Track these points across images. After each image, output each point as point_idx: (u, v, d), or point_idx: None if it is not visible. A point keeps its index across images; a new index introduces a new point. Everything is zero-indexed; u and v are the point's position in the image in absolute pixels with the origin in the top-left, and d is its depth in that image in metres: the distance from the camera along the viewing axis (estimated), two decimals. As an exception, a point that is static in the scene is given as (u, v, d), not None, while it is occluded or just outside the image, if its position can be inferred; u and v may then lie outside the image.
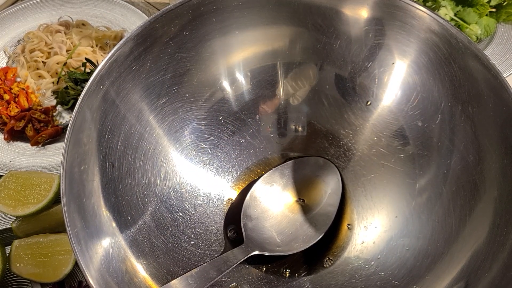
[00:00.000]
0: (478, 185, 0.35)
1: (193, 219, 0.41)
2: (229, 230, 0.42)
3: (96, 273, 0.30)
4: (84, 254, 0.30)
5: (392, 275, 0.37)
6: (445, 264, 0.35)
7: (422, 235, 0.37)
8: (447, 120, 0.37)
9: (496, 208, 0.33)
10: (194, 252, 0.39)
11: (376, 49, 0.39)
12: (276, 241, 0.40)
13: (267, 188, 0.43)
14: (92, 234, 0.32)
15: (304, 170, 0.44)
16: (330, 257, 0.41)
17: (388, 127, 0.41)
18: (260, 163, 0.45)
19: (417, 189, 0.39)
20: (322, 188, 0.43)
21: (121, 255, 0.34)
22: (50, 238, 0.44)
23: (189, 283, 0.34)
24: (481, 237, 0.34)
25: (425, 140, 0.39)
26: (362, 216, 0.41)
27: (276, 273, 0.40)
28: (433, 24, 0.35)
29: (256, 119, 0.44)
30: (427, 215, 0.38)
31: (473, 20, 0.59)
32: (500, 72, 0.33)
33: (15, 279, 0.45)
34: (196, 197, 0.42)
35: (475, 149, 0.35)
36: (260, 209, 0.42)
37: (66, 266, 0.43)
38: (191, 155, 0.43)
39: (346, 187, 0.43)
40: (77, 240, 0.30)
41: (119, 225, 0.35)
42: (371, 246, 0.40)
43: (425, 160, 0.39)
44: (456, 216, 0.36)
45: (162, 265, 0.37)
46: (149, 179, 0.39)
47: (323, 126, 0.44)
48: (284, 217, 0.41)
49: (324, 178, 0.44)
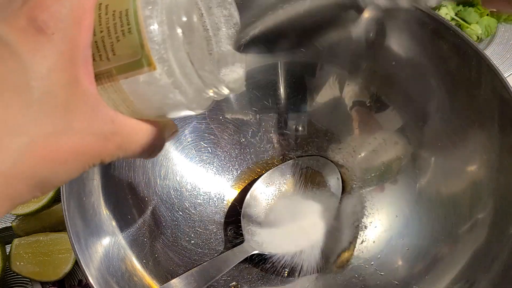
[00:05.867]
0: (478, 185, 0.35)
1: (193, 218, 0.41)
2: (229, 229, 0.42)
3: (96, 272, 0.30)
4: (84, 253, 0.30)
5: (392, 275, 0.37)
6: (445, 264, 0.35)
7: (422, 235, 0.37)
8: (447, 120, 0.37)
9: (496, 208, 0.33)
10: (194, 251, 0.39)
11: (376, 49, 0.39)
12: (276, 240, 0.40)
13: (267, 187, 0.43)
14: (92, 233, 0.32)
15: (304, 169, 0.44)
16: (330, 256, 0.41)
17: (388, 127, 0.41)
18: (260, 163, 0.45)
19: (417, 189, 0.39)
20: (322, 187, 0.43)
21: (121, 254, 0.34)
22: (50, 236, 0.44)
23: (189, 282, 0.34)
24: (481, 237, 0.34)
25: (425, 139, 0.39)
26: (362, 215, 0.41)
27: (276, 273, 0.40)
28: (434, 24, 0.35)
29: (257, 118, 0.44)
30: (427, 215, 0.38)
31: (474, 20, 0.59)
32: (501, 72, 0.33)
33: (15, 277, 0.45)
34: (196, 196, 0.42)
35: (475, 148, 0.35)
36: (260, 208, 0.42)
37: (66, 265, 0.43)
38: (191, 154, 0.43)
39: (346, 187, 0.43)
40: (77, 239, 0.30)
41: (119, 224, 0.35)
42: (371, 245, 0.40)
43: (425, 159, 0.39)
44: (456, 216, 0.36)
45: (162, 264, 0.37)
46: (149, 178, 0.39)
47: (323, 126, 0.44)
48: (284, 216, 0.41)
49: (324, 177, 0.44)
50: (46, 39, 0.16)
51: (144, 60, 0.17)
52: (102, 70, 0.18)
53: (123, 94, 0.18)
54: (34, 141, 0.16)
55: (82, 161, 0.18)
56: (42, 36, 0.16)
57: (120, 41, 0.17)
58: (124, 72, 0.18)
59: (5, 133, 0.15)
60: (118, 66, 0.18)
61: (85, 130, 0.17)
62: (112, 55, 0.18)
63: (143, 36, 0.17)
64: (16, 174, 0.16)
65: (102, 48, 0.18)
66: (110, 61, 0.18)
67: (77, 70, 0.17)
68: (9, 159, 0.16)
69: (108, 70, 0.18)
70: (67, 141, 0.17)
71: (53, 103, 0.16)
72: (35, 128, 0.16)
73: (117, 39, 0.17)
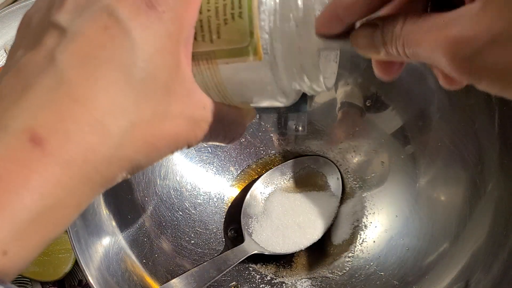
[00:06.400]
0: (478, 185, 0.35)
1: (193, 218, 0.41)
2: (229, 229, 0.42)
3: (96, 272, 0.30)
4: (84, 253, 0.30)
5: (392, 275, 0.37)
6: (445, 264, 0.35)
7: (422, 235, 0.37)
8: (447, 120, 0.37)
9: (496, 208, 0.33)
10: (194, 251, 0.39)
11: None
12: (276, 240, 0.40)
13: (267, 187, 0.43)
14: (92, 232, 0.32)
15: (304, 169, 0.44)
16: (330, 256, 0.41)
17: (388, 127, 0.41)
18: (260, 162, 0.45)
19: (417, 189, 0.39)
20: (322, 187, 0.43)
21: (121, 254, 0.34)
22: (50, 236, 0.44)
23: (189, 282, 0.34)
24: (481, 237, 0.34)
25: (425, 139, 0.39)
26: (362, 215, 0.41)
27: (276, 273, 0.40)
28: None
29: (257, 118, 0.44)
30: (427, 215, 0.38)
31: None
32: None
33: (15, 277, 0.45)
34: (196, 196, 0.42)
35: (475, 149, 0.35)
36: (260, 208, 0.42)
37: (66, 265, 0.43)
38: (191, 154, 0.43)
39: (346, 186, 0.43)
40: (77, 239, 0.30)
41: (119, 224, 0.35)
42: (371, 245, 0.40)
43: (425, 159, 0.39)
44: (456, 216, 0.36)
45: (161, 264, 0.37)
46: (149, 178, 0.39)
47: (323, 126, 0.44)
48: (284, 216, 0.41)
49: (324, 177, 0.44)
50: (156, 16, 0.15)
51: (251, 48, 0.16)
52: (202, 51, 0.17)
53: (218, 78, 0.17)
54: (135, 125, 0.15)
55: (172, 146, 0.17)
56: (153, 13, 0.15)
57: (228, 24, 0.16)
58: (226, 57, 0.17)
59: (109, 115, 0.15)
60: (221, 50, 0.17)
61: (180, 114, 0.17)
62: (217, 38, 0.17)
63: (255, 24, 0.16)
64: (117, 159, 0.15)
65: (206, 28, 0.17)
66: (213, 44, 0.17)
67: (180, 51, 0.16)
68: (112, 143, 0.15)
69: (208, 52, 0.17)
70: (165, 126, 0.16)
71: (155, 86, 0.16)
72: (136, 112, 0.15)
73: (225, 22, 0.16)
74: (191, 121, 0.17)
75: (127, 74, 0.15)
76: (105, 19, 0.15)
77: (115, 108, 0.15)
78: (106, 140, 0.15)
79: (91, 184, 0.15)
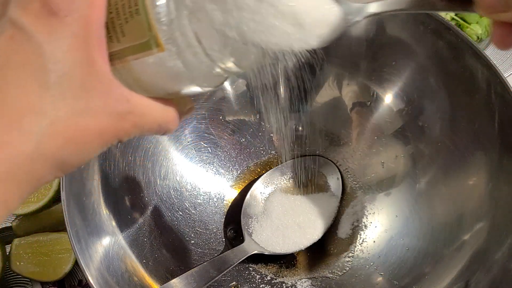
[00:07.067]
0: (478, 184, 0.35)
1: (193, 218, 0.41)
2: (229, 229, 0.42)
3: (96, 272, 0.30)
4: (84, 253, 0.30)
5: (392, 275, 0.37)
6: (445, 264, 0.35)
7: (422, 235, 0.37)
8: (447, 119, 0.37)
9: (496, 208, 0.33)
10: (194, 251, 0.40)
11: (376, 48, 0.39)
12: (276, 240, 0.40)
13: (267, 187, 0.43)
14: (92, 233, 0.32)
15: (304, 169, 0.44)
16: (330, 256, 0.41)
17: (388, 127, 0.41)
18: (260, 163, 0.45)
19: (417, 189, 0.39)
20: (322, 187, 0.43)
21: (121, 254, 0.34)
22: (50, 236, 0.44)
23: (189, 282, 0.34)
24: (481, 237, 0.34)
25: (425, 139, 0.39)
26: (362, 215, 0.41)
27: (276, 273, 0.40)
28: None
29: (257, 118, 0.44)
30: (427, 215, 0.38)
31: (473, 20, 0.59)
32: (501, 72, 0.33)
33: (15, 277, 0.45)
34: (196, 196, 0.42)
35: (476, 148, 0.35)
36: (260, 208, 0.42)
37: (66, 265, 0.43)
38: (191, 154, 0.43)
39: (346, 186, 0.43)
40: (77, 239, 0.30)
41: (119, 224, 0.35)
42: (371, 245, 0.40)
43: (425, 160, 0.39)
44: (456, 216, 0.36)
45: (161, 264, 0.37)
46: (149, 178, 0.39)
47: (323, 126, 0.44)
48: (284, 216, 0.41)
49: (324, 177, 0.44)
50: (59, 21, 0.16)
51: (152, 41, 0.17)
52: (115, 51, 0.18)
53: (134, 74, 0.18)
54: (54, 123, 0.16)
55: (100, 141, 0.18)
56: (55, 19, 0.16)
57: (128, 23, 0.17)
58: (133, 53, 0.18)
59: (26, 116, 0.16)
60: (128, 47, 0.18)
61: (102, 110, 0.17)
62: (122, 37, 0.18)
63: (150, 17, 0.17)
64: (39, 155, 0.16)
65: (112, 29, 0.18)
66: (120, 43, 0.18)
67: (91, 49, 0.17)
68: (31, 141, 0.16)
69: (119, 51, 0.18)
70: (86, 122, 0.17)
71: (70, 85, 0.16)
72: (54, 110, 0.16)
73: (125, 21, 0.17)
74: (115, 115, 0.18)
75: (39, 76, 0.16)
76: (11, 29, 0.16)
77: (32, 107, 0.16)
78: (25, 138, 0.16)
79: (16, 182, 0.16)
